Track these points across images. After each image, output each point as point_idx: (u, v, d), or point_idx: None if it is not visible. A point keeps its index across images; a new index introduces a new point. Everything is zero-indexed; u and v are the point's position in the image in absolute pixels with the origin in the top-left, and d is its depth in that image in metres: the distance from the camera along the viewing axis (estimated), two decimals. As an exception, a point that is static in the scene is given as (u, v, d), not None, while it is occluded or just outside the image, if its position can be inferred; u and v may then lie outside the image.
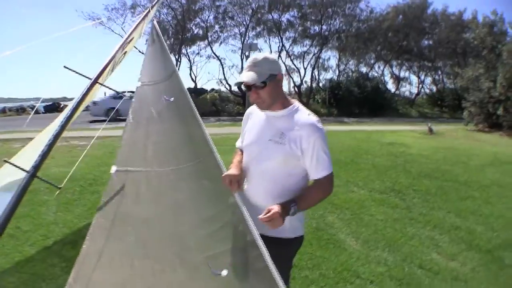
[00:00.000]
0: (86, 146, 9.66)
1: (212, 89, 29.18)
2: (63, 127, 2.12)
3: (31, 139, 3.51)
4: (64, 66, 2.33)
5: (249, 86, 1.85)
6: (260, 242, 1.56)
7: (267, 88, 1.84)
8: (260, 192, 1.90)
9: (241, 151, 2.10)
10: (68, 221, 4.57)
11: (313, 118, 1.87)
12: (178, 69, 25.00)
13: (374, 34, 29.40)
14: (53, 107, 28.23)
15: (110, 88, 3.10)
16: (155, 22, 3.68)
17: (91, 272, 1.87)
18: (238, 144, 2.20)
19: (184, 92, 2.61)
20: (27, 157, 2.11)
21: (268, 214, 1.62)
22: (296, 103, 1.96)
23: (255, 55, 1.89)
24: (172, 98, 2.66)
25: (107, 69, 2.98)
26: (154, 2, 4.05)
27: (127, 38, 3.09)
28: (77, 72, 2.39)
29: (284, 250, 1.91)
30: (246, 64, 1.88)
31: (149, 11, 3.72)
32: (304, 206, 1.82)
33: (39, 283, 3.24)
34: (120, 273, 1.90)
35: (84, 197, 5.57)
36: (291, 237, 1.93)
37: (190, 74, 28.83)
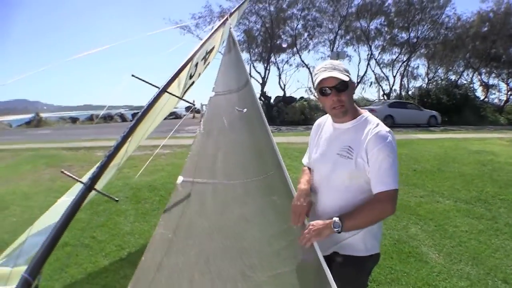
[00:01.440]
0: (170, 155, 10.01)
1: (301, 98, 28.93)
2: (125, 138, 1.99)
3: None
4: (132, 75, 2.23)
5: (325, 92, 1.76)
6: (324, 262, 1.50)
7: (348, 92, 1.77)
8: (328, 208, 1.80)
9: (309, 168, 2.01)
10: (144, 232, 4.54)
11: (380, 128, 1.74)
12: (267, 77, 25.06)
13: (461, 41, 28.74)
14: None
15: (182, 99, 2.98)
16: (231, 30, 3.54)
17: (148, 286, 1.80)
18: (305, 161, 2.13)
19: (256, 103, 2.58)
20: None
21: (306, 234, 1.60)
22: (365, 113, 1.86)
23: (330, 60, 1.83)
24: (245, 110, 2.63)
25: (184, 79, 2.87)
26: (233, 10, 3.94)
27: (201, 46, 2.95)
28: (144, 81, 2.28)
29: (357, 268, 1.83)
30: (323, 67, 1.78)
31: (226, 18, 3.58)
32: (352, 224, 1.65)
33: (109, 294, 3.21)
34: None
35: (163, 207, 5.55)
36: (365, 255, 1.81)
37: (279, 82, 29.10)
